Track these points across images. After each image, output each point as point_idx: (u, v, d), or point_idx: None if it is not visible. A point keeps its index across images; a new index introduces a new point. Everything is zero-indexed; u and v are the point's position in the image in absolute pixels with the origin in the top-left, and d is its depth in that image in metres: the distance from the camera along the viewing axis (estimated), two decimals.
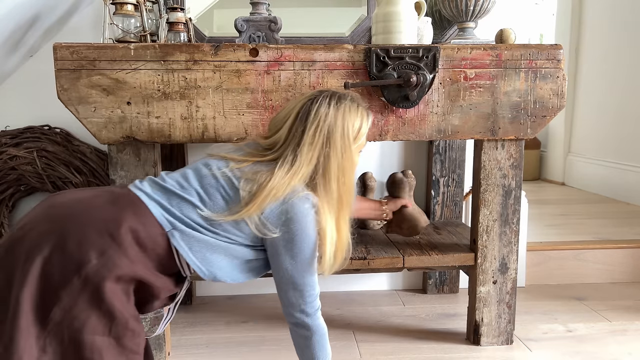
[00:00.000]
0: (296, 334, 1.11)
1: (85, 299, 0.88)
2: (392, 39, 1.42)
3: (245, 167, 1.05)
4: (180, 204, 1.01)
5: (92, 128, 1.30)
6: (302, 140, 1.04)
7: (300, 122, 1.06)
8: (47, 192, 1.86)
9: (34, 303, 0.86)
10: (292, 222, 1.01)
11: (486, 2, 1.53)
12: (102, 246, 0.90)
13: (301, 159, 1.04)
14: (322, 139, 1.04)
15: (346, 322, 1.72)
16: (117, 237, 0.91)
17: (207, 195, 1.02)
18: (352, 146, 1.07)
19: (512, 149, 1.45)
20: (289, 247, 1.03)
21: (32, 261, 0.87)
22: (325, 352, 1.12)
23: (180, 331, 1.66)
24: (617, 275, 2.06)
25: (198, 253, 1.00)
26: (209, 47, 1.29)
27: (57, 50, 1.26)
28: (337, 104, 1.07)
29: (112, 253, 0.90)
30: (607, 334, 1.62)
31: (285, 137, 1.07)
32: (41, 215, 0.94)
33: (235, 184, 1.02)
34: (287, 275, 1.05)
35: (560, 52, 1.39)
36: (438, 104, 1.38)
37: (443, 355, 1.50)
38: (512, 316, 1.54)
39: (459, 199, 1.92)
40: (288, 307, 1.08)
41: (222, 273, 1.04)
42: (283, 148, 1.06)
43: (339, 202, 1.06)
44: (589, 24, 3.44)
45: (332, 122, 1.05)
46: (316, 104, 1.06)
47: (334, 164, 1.05)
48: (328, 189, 1.05)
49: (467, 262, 1.51)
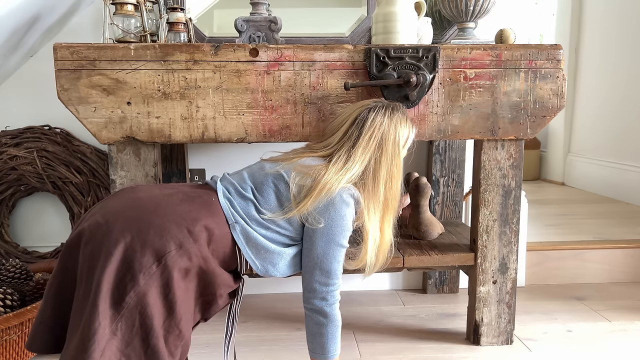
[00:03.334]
0: (311, 320, 1.13)
1: (158, 286, 0.93)
2: (392, 39, 1.42)
3: (295, 161, 1.12)
4: (241, 202, 1.09)
5: (92, 128, 1.30)
6: (357, 143, 1.13)
7: (356, 127, 1.15)
8: (47, 192, 1.86)
9: (113, 285, 0.91)
10: (330, 209, 1.08)
11: (486, 2, 1.53)
12: (181, 239, 0.96)
13: (355, 158, 1.12)
14: (375, 144, 1.14)
15: (346, 322, 1.72)
16: (194, 233, 0.98)
17: (259, 192, 1.10)
18: (401, 154, 1.17)
19: (512, 149, 1.45)
20: (325, 232, 1.09)
21: (116, 246, 0.92)
22: (336, 345, 1.14)
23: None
24: (617, 275, 2.06)
25: (253, 248, 1.08)
26: (209, 47, 1.29)
27: (57, 50, 1.26)
28: (392, 115, 1.17)
29: (189, 247, 0.96)
30: (607, 334, 1.62)
31: (339, 138, 1.16)
32: (123, 205, 1.00)
33: (285, 177, 1.10)
34: (317, 259, 1.10)
35: (560, 52, 1.39)
36: (438, 104, 1.38)
37: (443, 355, 1.50)
38: (512, 316, 1.54)
39: (459, 199, 1.92)
40: (310, 292, 1.12)
41: (274, 269, 1.11)
42: (337, 147, 1.15)
43: (385, 204, 1.14)
44: (589, 24, 3.44)
45: (386, 130, 1.15)
46: (373, 113, 1.15)
47: (384, 169, 1.13)
48: (376, 191, 1.13)
49: (467, 262, 1.51)
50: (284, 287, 1.97)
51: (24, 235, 1.91)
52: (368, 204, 1.12)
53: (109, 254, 0.92)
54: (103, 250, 0.92)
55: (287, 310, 1.81)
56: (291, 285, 1.97)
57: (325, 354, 1.13)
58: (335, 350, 1.14)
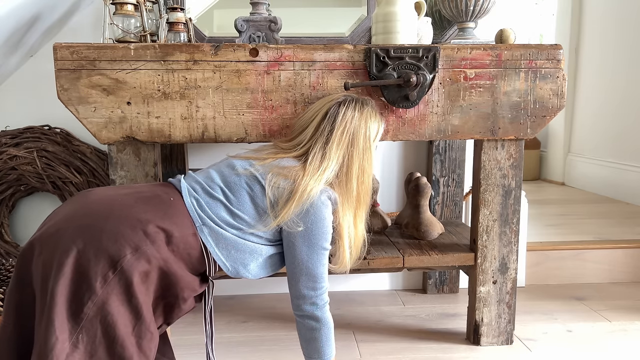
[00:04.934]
0: (304, 327, 1.12)
1: (118, 293, 0.90)
2: (392, 39, 1.42)
3: (268, 162, 1.09)
4: (209, 202, 1.05)
5: (92, 128, 1.30)
6: (330, 139, 1.11)
7: (328, 122, 1.13)
8: (47, 192, 1.86)
9: (68, 297, 0.88)
10: (310, 213, 1.06)
11: (486, 2, 1.53)
12: (136, 242, 0.93)
13: (330, 155, 1.10)
14: (348, 139, 1.12)
15: (346, 322, 1.72)
16: (150, 234, 0.94)
17: (232, 193, 1.07)
18: (372, 148, 1.16)
19: (512, 149, 1.45)
20: (306, 236, 1.07)
21: (67, 255, 0.89)
22: (332, 347, 1.13)
23: (180, 331, 1.66)
24: (617, 275, 2.06)
25: (224, 250, 1.05)
26: (209, 47, 1.29)
27: (57, 50, 1.26)
28: (362, 108, 1.16)
29: (146, 249, 0.93)
30: (607, 334, 1.62)
31: (311, 134, 1.13)
32: (75, 211, 0.96)
33: (260, 180, 1.07)
34: (302, 265, 1.08)
35: (560, 52, 1.39)
36: (438, 104, 1.38)
37: (443, 355, 1.50)
38: (512, 316, 1.54)
39: (459, 199, 1.92)
40: (299, 299, 1.11)
41: (245, 270, 1.08)
42: (310, 144, 1.12)
43: (357, 200, 1.13)
44: (589, 24, 3.44)
45: (357, 124, 1.13)
46: (344, 107, 1.14)
47: (356, 164, 1.12)
48: (349, 187, 1.11)
49: (467, 262, 1.51)
50: (284, 287, 1.96)
51: (24, 235, 1.91)
52: (342, 200, 1.11)
53: (60, 264, 0.88)
54: (55, 261, 0.89)
55: (287, 310, 1.81)
56: None
57: (322, 356, 1.12)
58: (331, 352, 1.13)
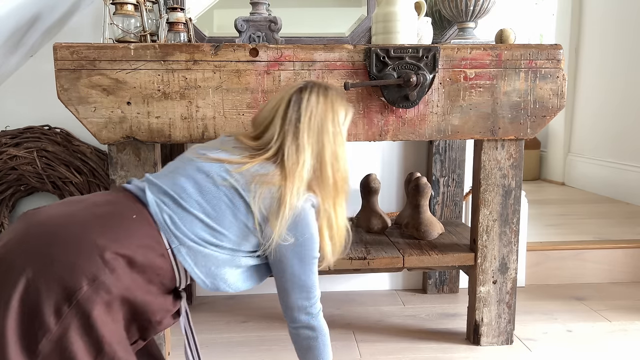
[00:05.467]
0: (300, 337, 1.09)
1: (76, 327, 0.82)
2: (392, 39, 1.42)
3: (246, 169, 1.00)
4: (184, 218, 0.96)
5: (92, 128, 1.30)
6: (299, 127, 1.03)
7: (293, 110, 1.05)
8: (47, 192, 1.86)
9: (20, 334, 0.80)
10: (299, 226, 1.01)
11: (486, 2, 1.53)
12: (94, 271, 0.83)
13: (304, 145, 1.03)
14: (317, 126, 1.05)
15: (346, 322, 1.72)
16: (109, 261, 0.85)
17: (211, 207, 0.98)
18: (342, 132, 1.09)
19: (512, 149, 1.45)
20: (297, 250, 1.02)
21: (15, 288, 0.80)
22: (329, 352, 1.11)
23: (181, 331, 1.65)
24: (617, 275, 2.05)
25: (203, 267, 0.97)
26: (209, 47, 1.29)
27: (57, 50, 1.26)
28: (326, 93, 1.08)
29: (105, 279, 0.84)
30: (607, 334, 1.62)
31: (280, 127, 1.05)
32: (25, 235, 0.86)
33: (242, 194, 0.99)
34: (294, 278, 1.04)
35: (560, 52, 1.39)
36: (438, 104, 1.38)
37: (443, 355, 1.50)
38: (512, 316, 1.54)
39: (459, 199, 1.92)
40: (293, 310, 1.06)
41: (226, 285, 1.02)
42: (280, 141, 1.04)
43: (334, 188, 1.06)
44: (589, 24, 3.43)
45: (323, 109, 1.06)
46: (307, 93, 1.06)
47: (328, 151, 1.05)
48: (325, 176, 1.05)
49: (467, 262, 1.51)
50: None
51: None
52: (319, 191, 1.05)
53: (9, 298, 0.79)
54: (3, 295, 0.80)
55: None
56: None
57: None
58: (329, 357, 1.11)
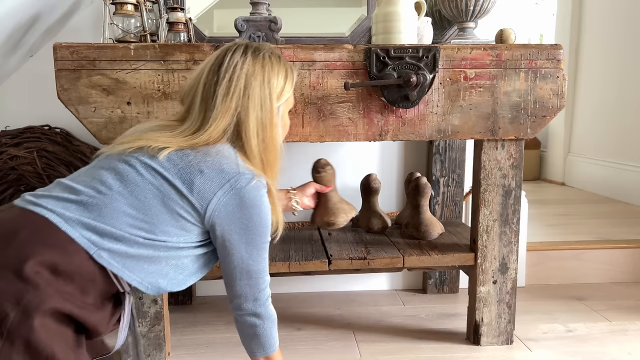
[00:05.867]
0: (245, 325, 1.01)
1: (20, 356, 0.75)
2: (392, 39, 1.41)
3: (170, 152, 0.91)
4: (103, 214, 0.85)
5: (92, 128, 1.30)
6: (216, 92, 0.93)
7: (212, 74, 0.95)
8: None
9: None
10: (247, 209, 0.92)
11: (486, 2, 1.53)
12: (15, 295, 0.75)
13: (217, 111, 0.93)
14: (239, 88, 0.94)
15: (346, 322, 1.72)
16: (28, 278, 0.76)
17: (134, 197, 0.88)
18: (273, 98, 0.97)
19: (512, 149, 1.45)
20: (245, 234, 0.94)
21: None
22: (274, 339, 1.05)
23: (180, 331, 1.66)
24: (617, 275, 2.06)
25: (135, 268, 0.87)
26: (209, 47, 1.29)
27: (57, 50, 1.26)
28: (255, 53, 0.97)
29: (30, 298, 0.76)
30: (607, 334, 1.62)
31: (201, 95, 0.95)
32: None
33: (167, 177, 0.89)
34: (242, 265, 0.96)
35: (560, 52, 1.39)
36: (438, 104, 1.38)
37: (443, 355, 1.50)
38: (512, 316, 1.54)
39: (459, 199, 1.92)
40: (240, 298, 0.99)
41: (167, 282, 0.92)
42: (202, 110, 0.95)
43: (261, 162, 0.97)
44: (589, 24, 3.44)
45: (250, 70, 0.95)
46: (230, 53, 0.96)
47: (252, 117, 0.94)
48: (248, 147, 0.95)
49: (467, 262, 1.51)
50: (284, 287, 1.96)
51: None
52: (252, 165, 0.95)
53: None
54: None
55: (287, 310, 1.81)
56: (291, 285, 1.97)
57: (266, 350, 1.03)
58: (276, 343, 1.05)
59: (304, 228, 1.82)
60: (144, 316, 1.38)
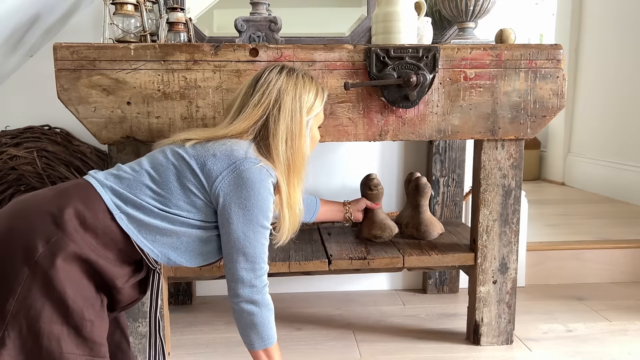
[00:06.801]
0: (242, 312, 1.04)
1: (38, 287, 0.89)
2: (392, 39, 1.42)
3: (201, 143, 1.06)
4: (130, 185, 1.00)
5: (92, 128, 1.30)
6: (249, 102, 1.07)
7: (250, 88, 1.09)
8: None
9: None
10: (246, 188, 1.01)
11: (486, 2, 1.53)
12: (47, 234, 0.90)
13: (243, 115, 1.07)
14: (269, 99, 1.06)
15: (346, 322, 1.72)
16: (61, 223, 0.91)
17: (157, 174, 1.02)
18: (303, 112, 1.08)
19: (512, 149, 1.45)
20: (242, 212, 1.01)
21: None
22: (273, 331, 1.07)
23: (180, 331, 1.66)
24: (617, 275, 2.06)
25: (148, 235, 1.00)
26: (209, 47, 1.29)
27: (57, 50, 1.26)
28: (290, 72, 1.10)
29: (58, 239, 0.90)
30: (607, 334, 1.62)
31: (237, 105, 1.10)
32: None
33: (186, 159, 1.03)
34: (239, 244, 1.02)
35: (560, 52, 1.39)
36: (438, 104, 1.38)
37: (443, 355, 1.50)
38: (512, 316, 1.54)
39: (459, 199, 1.92)
40: (236, 282, 1.03)
41: (176, 254, 1.03)
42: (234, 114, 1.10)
43: (287, 167, 1.07)
44: (589, 24, 3.43)
45: (283, 86, 1.07)
46: (267, 72, 1.10)
47: (282, 126, 1.06)
48: (277, 151, 1.06)
49: (467, 262, 1.51)
50: (284, 287, 1.97)
51: None
52: (276, 167, 1.06)
53: None
54: None
55: (287, 310, 1.81)
56: (291, 285, 1.97)
57: (265, 341, 1.05)
58: (274, 335, 1.07)
59: (303, 228, 1.82)
60: (144, 316, 1.38)
